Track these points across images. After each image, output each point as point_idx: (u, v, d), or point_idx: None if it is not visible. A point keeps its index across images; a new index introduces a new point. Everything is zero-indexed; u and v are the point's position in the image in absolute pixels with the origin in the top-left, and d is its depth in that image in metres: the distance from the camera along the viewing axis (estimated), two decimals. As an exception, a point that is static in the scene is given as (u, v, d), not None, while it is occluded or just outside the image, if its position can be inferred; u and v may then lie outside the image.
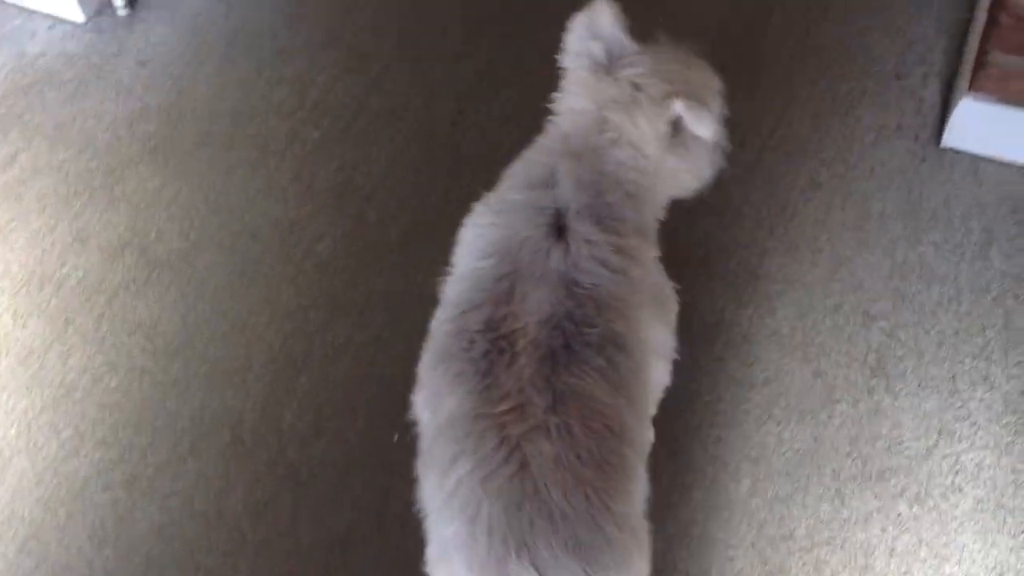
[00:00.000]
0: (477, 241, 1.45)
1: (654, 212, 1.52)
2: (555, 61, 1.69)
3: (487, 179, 2.18)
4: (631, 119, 1.44)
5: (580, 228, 1.39)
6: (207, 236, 2.14)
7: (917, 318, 1.99)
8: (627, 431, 1.29)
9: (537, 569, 1.17)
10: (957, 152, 2.19)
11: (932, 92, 2.29)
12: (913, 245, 2.08)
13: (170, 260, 2.11)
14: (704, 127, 1.45)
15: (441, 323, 1.41)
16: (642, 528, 1.31)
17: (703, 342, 1.96)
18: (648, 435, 1.44)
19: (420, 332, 1.96)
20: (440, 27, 2.44)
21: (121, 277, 2.10)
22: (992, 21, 2.03)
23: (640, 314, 1.40)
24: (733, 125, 2.23)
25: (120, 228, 2.16)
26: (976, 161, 2.18)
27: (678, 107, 1.43)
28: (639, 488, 1.30)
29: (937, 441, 1.86)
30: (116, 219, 2.17)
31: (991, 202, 2.12)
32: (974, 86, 2.09)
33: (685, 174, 1.54)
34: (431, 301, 2.00)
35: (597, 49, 1.48)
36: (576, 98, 1.48)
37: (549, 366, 1.27)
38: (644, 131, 1.45)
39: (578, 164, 1.44)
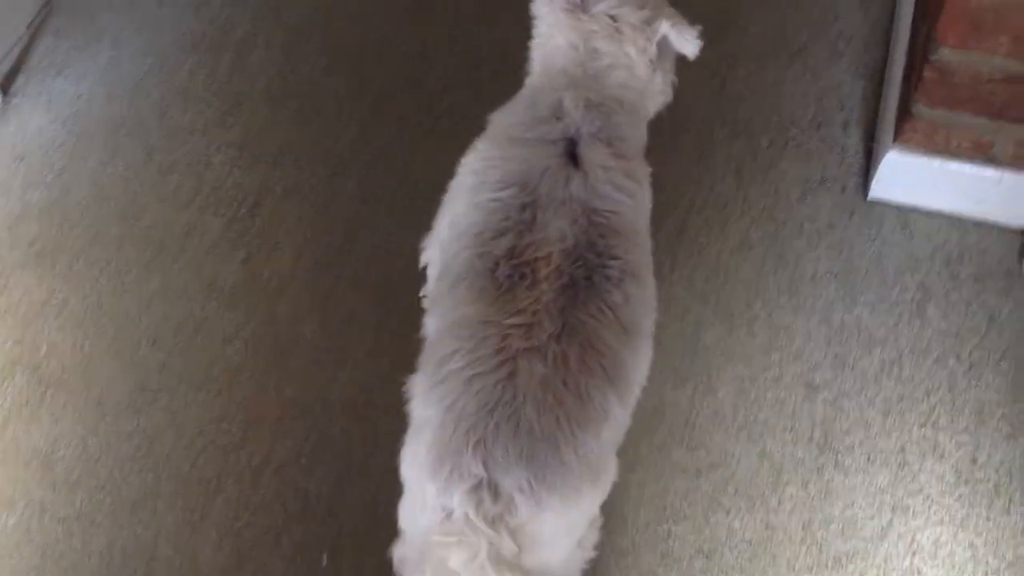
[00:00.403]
0: (490, 173, 1.47)
1: (644, 130, 1.62)
2: (464, 129, 1.60)
3: (401, 266, 2.06)
4: (620, 47, 1.52)
5: (594, 154, 1.46)
6: (103, 347, 1.98)
7: (860, 386, 1.92)
8: (620, 373, 1.34)
9: (486, 466, 1.22)
10: (885, 204, 2.13)
11: (854, 140, 2.22)
12: (849, 307, 2.01)
13: (64, 377, 1.95)
14: (690, 44, 1.55)
15: (459, 250, 1.42)
16: (602, 466, 1.34)
17: (644, 429, 1.87)
18: (643, 372, 1.45)
19: (347, 442, 1.86)
20: (343, 98, 2.31)
21: (12, 400, 1.92)
22: (916, 75, 1.97)
23: (646, 238, 1.50)
24: (655, 189, 2.15)
25: (7, 345, 1.98)
26: (905, 212, 2.12)
27: (665, 27, 1.53)
28: (611, 432, 1.34)
29: (891, 519, 1.79)
30: (2, 335, 1.99)
31: (924, 256, 2.06)
32: (899, 138, 2.04)
33: (660, 94, 1.64)
34: (354, 407, 1.89)
35: None
36: (560, 37, 1.55)
37: (567, 297, 1.33)
38: (633, 57, 1.53)
39: (584, 91, 1.51)
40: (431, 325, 1.44)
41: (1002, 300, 2.00)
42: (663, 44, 1.57)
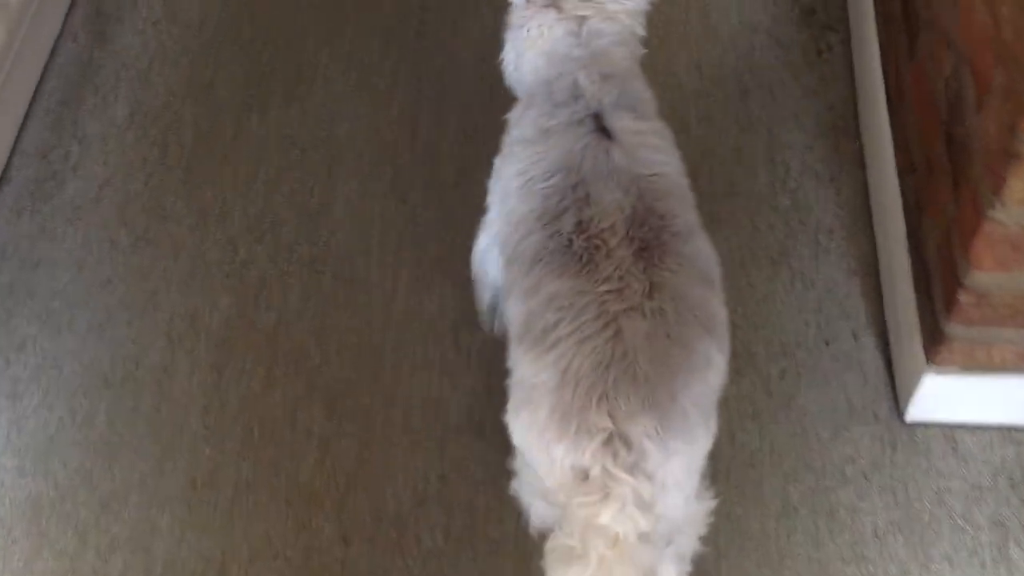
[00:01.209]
0: (534, 168, 1.51)
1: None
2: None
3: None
4: (617, 22, 1.60)
5: (622, 122, 1.51)
6: None
7: (968, 668, 1.68)
8: (712, 321, 1.39)
9: (612, 418, 1.27)
10: (927, 425, 1.91)
11: (870, 353, 2.00)
12: (925, 564, 1.77)
13: None
14: None
15: (524, 236, 1.46)
16: (711, 412, 1.38)
17: None
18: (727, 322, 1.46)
19: None
20: (291, 410, 2.00)
21: None
22: (946, 296, 1.75)
23: (689, 192, 1.53)
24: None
25: None
26: (950, 431, 1.90)
27: None
28: (716, 378, 1.38)
29: None
30: None
31: (986, 482, 1.84)
32: (934, 359, 1.82)
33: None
34: None
35: None
36: (556, 28, 1.60)
37: (645, 259, 1.37)
38: (627, 24, 1.62)
39: (595, 67, 1.56)
40: (514, 308, 1.46)
41: (1087, 523, 1.79)
42: None
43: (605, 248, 1.38)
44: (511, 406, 1.40)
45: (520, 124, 1.61)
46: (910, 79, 2.00)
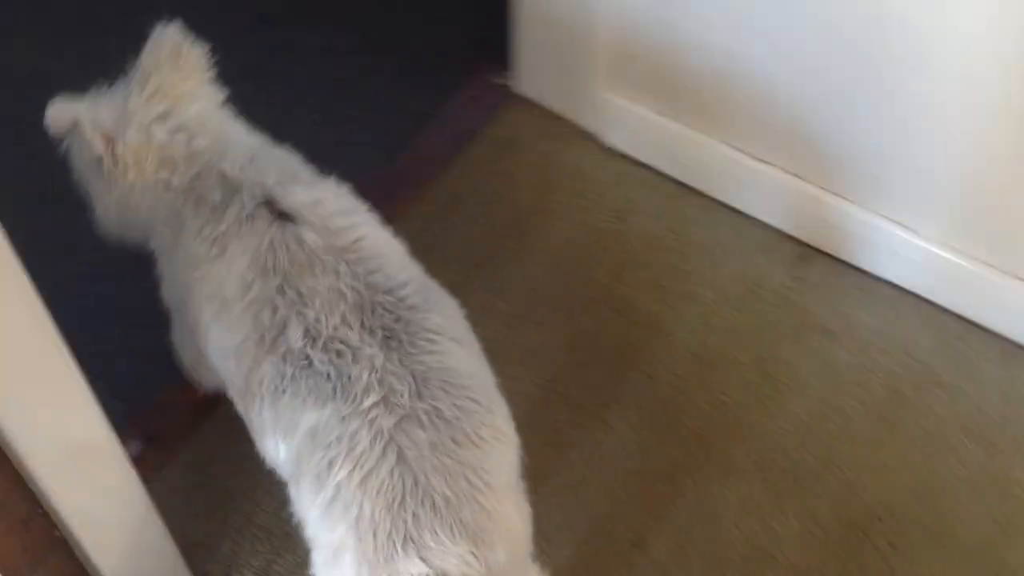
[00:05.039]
0: (223, 290, 1.32)
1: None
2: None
3: None
4: (182, 111, 1.42)
5: (296, 199, 1.34)
6: None
7: None
8: (486, 392, 1.26)
9: (425, 559, 1.14)
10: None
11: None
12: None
13: None
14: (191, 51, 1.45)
15: (251, 368, 1.27)
16: (518, 492, 1.27)
17: None
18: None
19: None
20: None
21: None
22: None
23: (397, 244, 1.38)
24: None
25: None
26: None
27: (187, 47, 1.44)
28: (511, 453, 1.26)
29: None
30: None
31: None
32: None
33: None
34: None
35: (103, 121, 1.41)
36: (144, 176, 1.41)
37: (396, 349, 1.22)
38: (205, 104, 1.45)
39: (231, 152, 1.40)
40: (278, 450, 1.27)
41: None
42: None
43: (349, 351, 1.22)
44: (315, 565, 1.25)
45: (180, 247, 1.40)
46: None
